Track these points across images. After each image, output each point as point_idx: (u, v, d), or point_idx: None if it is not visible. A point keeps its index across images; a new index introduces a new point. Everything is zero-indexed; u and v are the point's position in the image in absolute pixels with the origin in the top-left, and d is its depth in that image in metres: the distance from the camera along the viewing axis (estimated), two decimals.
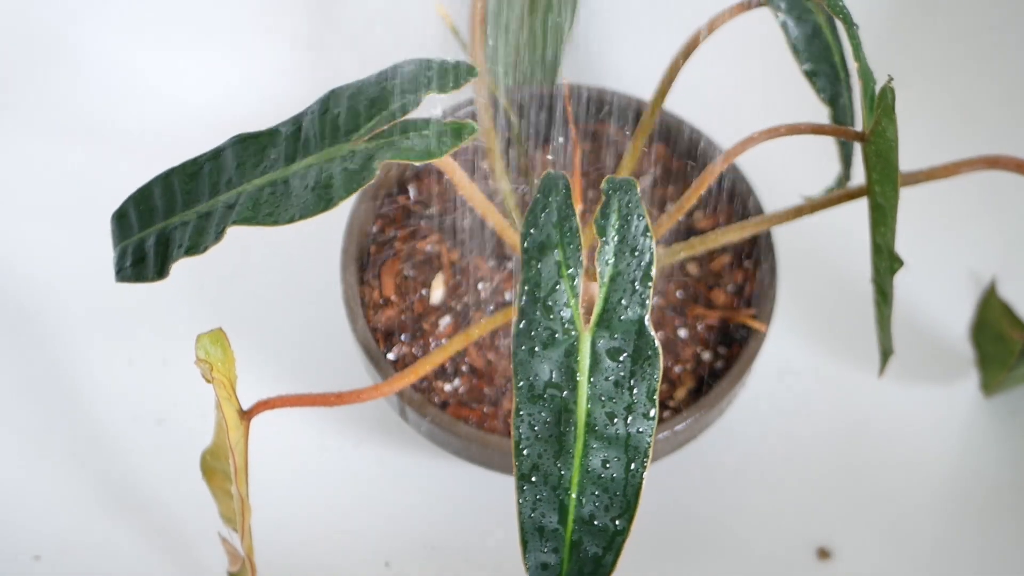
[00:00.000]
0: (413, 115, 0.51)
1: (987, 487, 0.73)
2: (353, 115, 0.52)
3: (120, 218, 0.57)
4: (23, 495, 0.73)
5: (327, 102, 0.53)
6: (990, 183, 0.69)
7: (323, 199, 0.50)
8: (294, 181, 0.51)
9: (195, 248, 0.52)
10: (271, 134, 0.54)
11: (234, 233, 0.52)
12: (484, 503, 0.73)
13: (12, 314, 0.78)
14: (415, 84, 0.52)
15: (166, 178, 0.56)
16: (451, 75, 0.51)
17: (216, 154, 0.55)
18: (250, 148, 0.54)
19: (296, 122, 0.54)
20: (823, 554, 0.71)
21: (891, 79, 0.51)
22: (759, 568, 0.71)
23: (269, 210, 0.51)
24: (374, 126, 0.51)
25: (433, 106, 0.73)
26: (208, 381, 0.53)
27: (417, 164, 0.70)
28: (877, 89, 0.53)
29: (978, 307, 0.77)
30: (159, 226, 0.55)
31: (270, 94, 0.85)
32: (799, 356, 0.78)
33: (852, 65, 0.60)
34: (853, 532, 0.72)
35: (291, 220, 0.50)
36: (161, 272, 0.54)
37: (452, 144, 0.49)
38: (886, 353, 0.66)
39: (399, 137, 0.50)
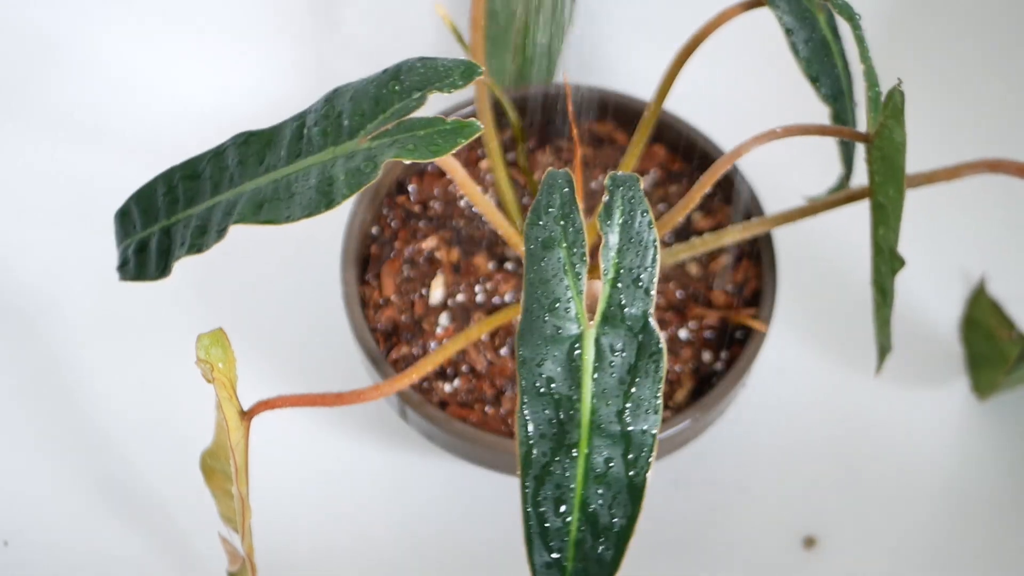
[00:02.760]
0: (416, 114, 0.51)
1: (974, 483, 0.74)
2: (357, 114, 0.52)
3: (123, 216, 0.57)
4: (24, 495, 0.73)
5: (331, 101, 0.53)
6: (981, 181, 0.69)
7: (325, 198, 0.49)
8: (296, 180, 0.51)
9: (197, 247, 0.52)
10: (273, 132, 0.54)
11: (235, 233, 0.52)
12: (484, 503, 0.73)
13: (12, 314, 0.78)
14: (420, 83, 0.51)
15: (168, 176, 0.56)
16: (456, 74, 0.51)
17: (218, 152, 0.55)
18: (252, 146, 0.54)
19: (299, 120, 0.53)
20: (808, 542, 0.72)
21: (900, 81, 0.51)
22: (761, 563, 0.71)
23: (271, 209, 0.51)
24: (378, 125, 0.51)
25: (434, 105, 0.73)
26: (208, 381, 0.53)
27: (421, 163, 0.70)
28: (883, 90, 0.53)
29: (967, 305, 0.78)
30: (161, 224, 0.55)
31: (270, 94, 0.85)
32: (799, 356, 0.78)
33: (853, 64, 0.60)
34: (846, 526, 0.72)
35: (293, 219, 0.50)
36: (164, 271, 0.54)
37: (455, 143, 0.49)
38: (883, 351, 0.66)
39: (403, 136, 0.50)
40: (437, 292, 0.69)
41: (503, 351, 0.68)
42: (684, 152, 0.73)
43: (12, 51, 0.85)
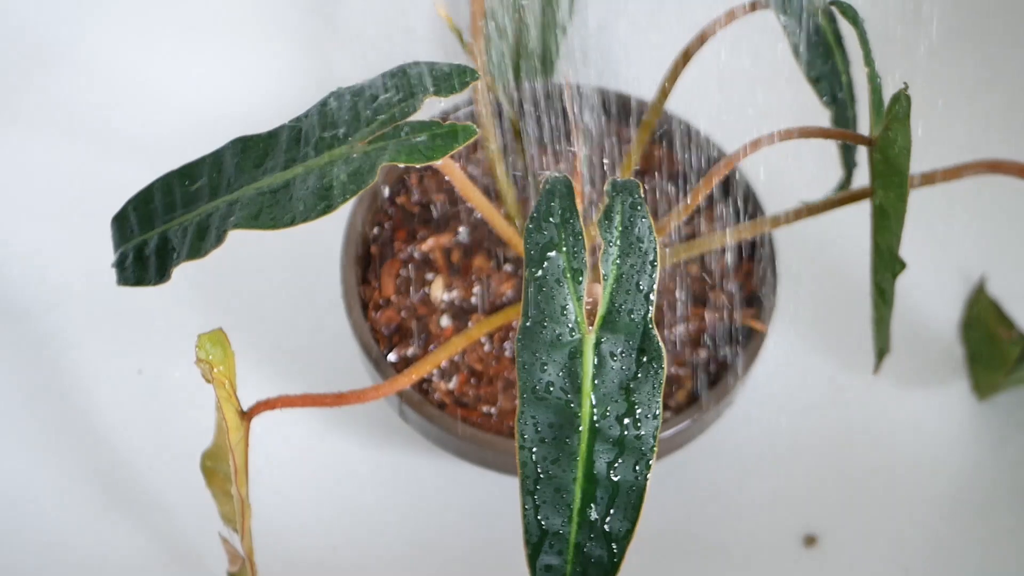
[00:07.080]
0: (414, 117, 0.51)
1: (974, 483, 0.74)
2: (354, 118, 0.52)
3: (120, 221, 0.56)
4: (25, 495, 0.73)
5: (328, 104, 0.53)
6: (981, 182, 0.70)
7: (323, 202, 0.49)
8: (295, 184, 0.51)
9: (196, 252, 0.52)
10: (271, 136, 0.54)
11: (234, 233, 0.52)
12: (484, 503, 0.73)
13: (13, 316, 0.78)
14: (417, 87, 0.51)
15: (166, 181, 0.55)
16: (452, 79, 0.51)
17: (216, 157, 0.55)
18: (250, 151, 0.54)
19: (296, 124, 0.54)
20: (808, 542, 0.72)
21: (907, 86, 0.50)
22: (761, 563, 0.71)
23: (270, 213, 0.51)
24: (375, 128, 0.51)
25: (434, 105, 0.73)
26: (208, 381, 0.53)
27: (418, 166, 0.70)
28: (886, 94, 0.53)
29: (967, 305, 0.78)
30: (159, 229, 0.54)
31: (270, 94, 0.85)
32: (799, 356, 0.78)
33: (854, 67, 0.60)
34: (846, 526, 0.72)
35: (291, 223, 0.50)
36: (163, 275, 0.54)
37: (450, 146, 0.49)
38: (882, 352, 0.66)
39: (399, 140, 0.50)
40: (437, 292, 0.69)
41: (503, 351, 0.68)
42: (686, 153, 0.73)
43: (12, 51, 0.85)
